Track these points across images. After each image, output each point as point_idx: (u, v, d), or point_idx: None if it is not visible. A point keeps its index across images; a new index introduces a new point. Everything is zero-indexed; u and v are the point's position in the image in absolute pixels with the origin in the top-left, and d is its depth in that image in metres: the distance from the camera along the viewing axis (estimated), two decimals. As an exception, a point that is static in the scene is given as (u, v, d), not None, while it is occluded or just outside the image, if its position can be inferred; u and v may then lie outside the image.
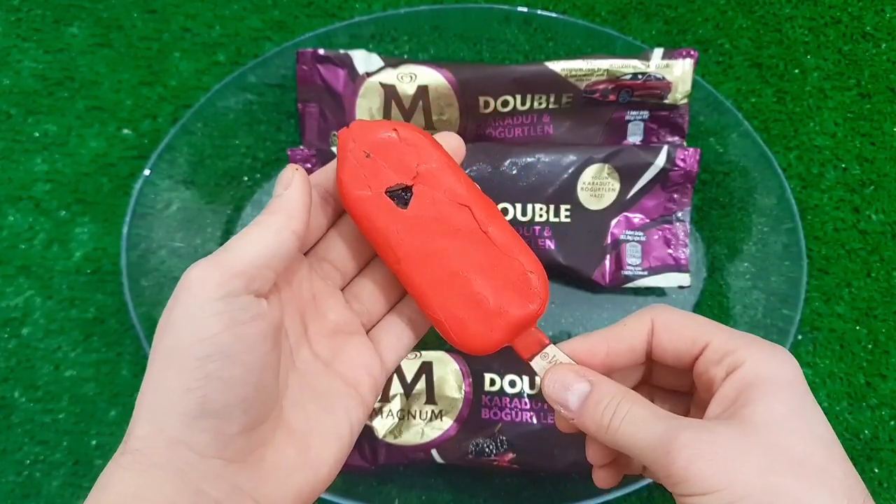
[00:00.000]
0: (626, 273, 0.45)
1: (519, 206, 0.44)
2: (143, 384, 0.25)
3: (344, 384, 0.30)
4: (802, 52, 0.51)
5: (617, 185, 0.45)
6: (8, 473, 0.44)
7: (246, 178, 0.47)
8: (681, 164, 0.44)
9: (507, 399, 0.41)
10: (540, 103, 0.45)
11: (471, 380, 0.41)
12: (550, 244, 0.44)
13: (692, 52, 0.44)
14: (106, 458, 0.44)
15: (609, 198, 0.45)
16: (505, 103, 0.44)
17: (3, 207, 0.47)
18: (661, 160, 0.44)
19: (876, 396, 0.45)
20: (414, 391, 0.41)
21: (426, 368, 0.41)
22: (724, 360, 0.28)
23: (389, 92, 0.43)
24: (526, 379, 0.41)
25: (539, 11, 0.47)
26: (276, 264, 0.27)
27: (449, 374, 0.41)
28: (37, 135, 0.48)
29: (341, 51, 0.44)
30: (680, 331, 0.30)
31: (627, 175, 0.44)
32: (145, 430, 0.25)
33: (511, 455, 0.40)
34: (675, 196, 0.45)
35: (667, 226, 0.45)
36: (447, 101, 0.44)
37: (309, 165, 0.44)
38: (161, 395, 0.25)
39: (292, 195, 0.28)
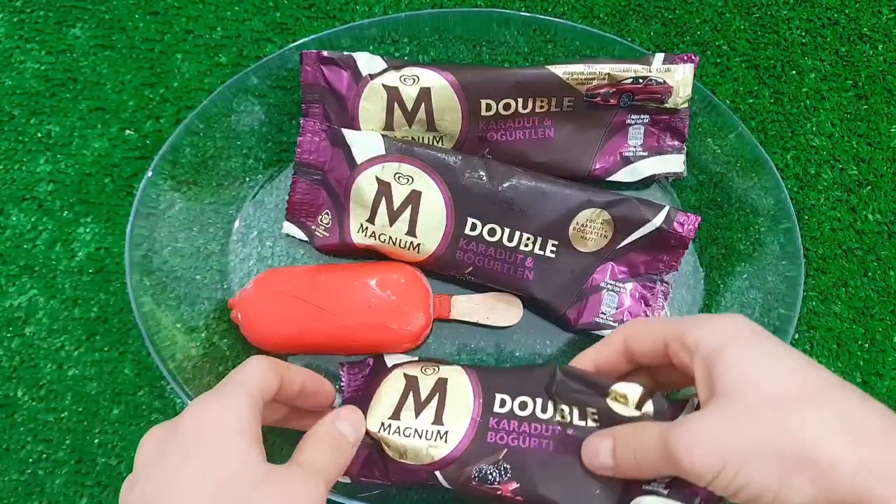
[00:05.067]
0: (597, 320, 0.44)
1: (507, 230, 0.43)
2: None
3: None
4: (799, 54, 0.52)
5: (610, 234, 0.43)
6: (11, 472, 0.44)
7: (248, 179, 0.48)
8: (678, 227, 0.42)
9: (516, 423, 0.38)
10: (542, 106, 0.45)
11: (481, 400, 0.39)
12: (529, 275, 0.43)
13: (693, 57, 0.44)
14: (108, 456, 0.44)
15: (599, 243, 0.44)
16: (507, 106, 0.44)
17: (6, 208, 0.47)
18: (659, 219, 0.42)
19: (872, 395, 0.46)
20: (424, 411, 0.39)
21: (441, 387, 0.39)
22: (683, 348, 0.31)
23: (392, 94, 0.44)
24: (539, 401, 0.38)
25: (539, 16, 0.47)
26: None
27: (460, 391, 0.39)
28: (40, 135, 0.48)
29: (345, 52, 0.45)
30: (645, 338, 0.34)
31: (622, 226, 0.43)
32: None
33: (515, 485, 0.37)
34: (665, 258, 0.44)
35: (649, 284, 0.45)
36: (450, 104, 0.44)
37: (317, 140, 0.44)
38: None
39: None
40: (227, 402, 0.29)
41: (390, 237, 0.43)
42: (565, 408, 0.37)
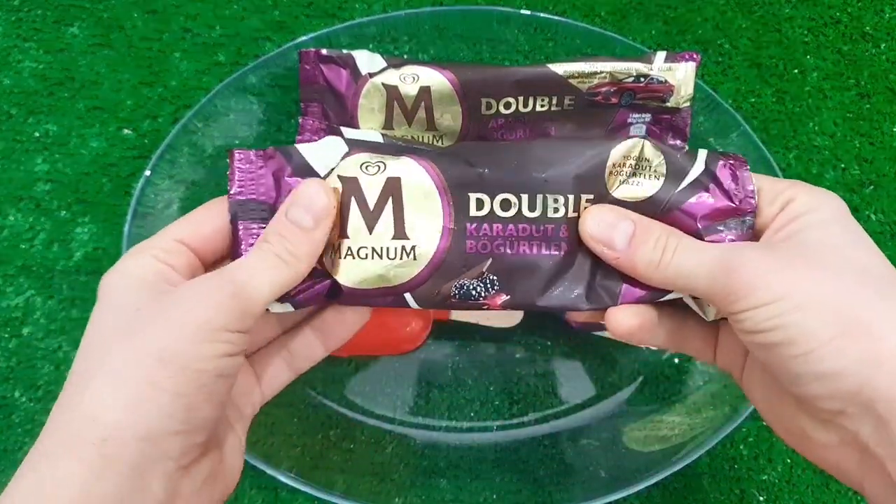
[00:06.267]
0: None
1: (526, 196, 0.34)
2: (108, 360, 0.24)
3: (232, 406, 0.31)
4: (802, 53, 0.51)
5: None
6: (9, 473, 0.43)
7: (247, 179, 0.47)
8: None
9: (500, 227, 0.31)
10: (542, 105, 0.44)
11: (451, 201, 0.32)
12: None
13: (695, 56, 0.44)
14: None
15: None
16: (507, 105, 0.44)
17: (3, 207, 0.47)
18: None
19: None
20: (378, 223, 0.31)
21: (393, 188, 0.31)
22: (776, 199, 0.29)
23: (391, 93, 0.43)
24: (525, 197, 0.32)
25: (540, 14, 0.47)
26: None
27: (420, 193, 0.31)
28: (37, 135, 0.48)
29: (344, 51, 0.44)
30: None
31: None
32: (115, 417, 0.23)
33: (504, 297, 0.31)
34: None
35: None
36: (450, 103, 0.44)
37: (317, 139, 0.43)
38: (142, 387, 0.24)
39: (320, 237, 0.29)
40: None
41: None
42: (560, 198, 0.32)
